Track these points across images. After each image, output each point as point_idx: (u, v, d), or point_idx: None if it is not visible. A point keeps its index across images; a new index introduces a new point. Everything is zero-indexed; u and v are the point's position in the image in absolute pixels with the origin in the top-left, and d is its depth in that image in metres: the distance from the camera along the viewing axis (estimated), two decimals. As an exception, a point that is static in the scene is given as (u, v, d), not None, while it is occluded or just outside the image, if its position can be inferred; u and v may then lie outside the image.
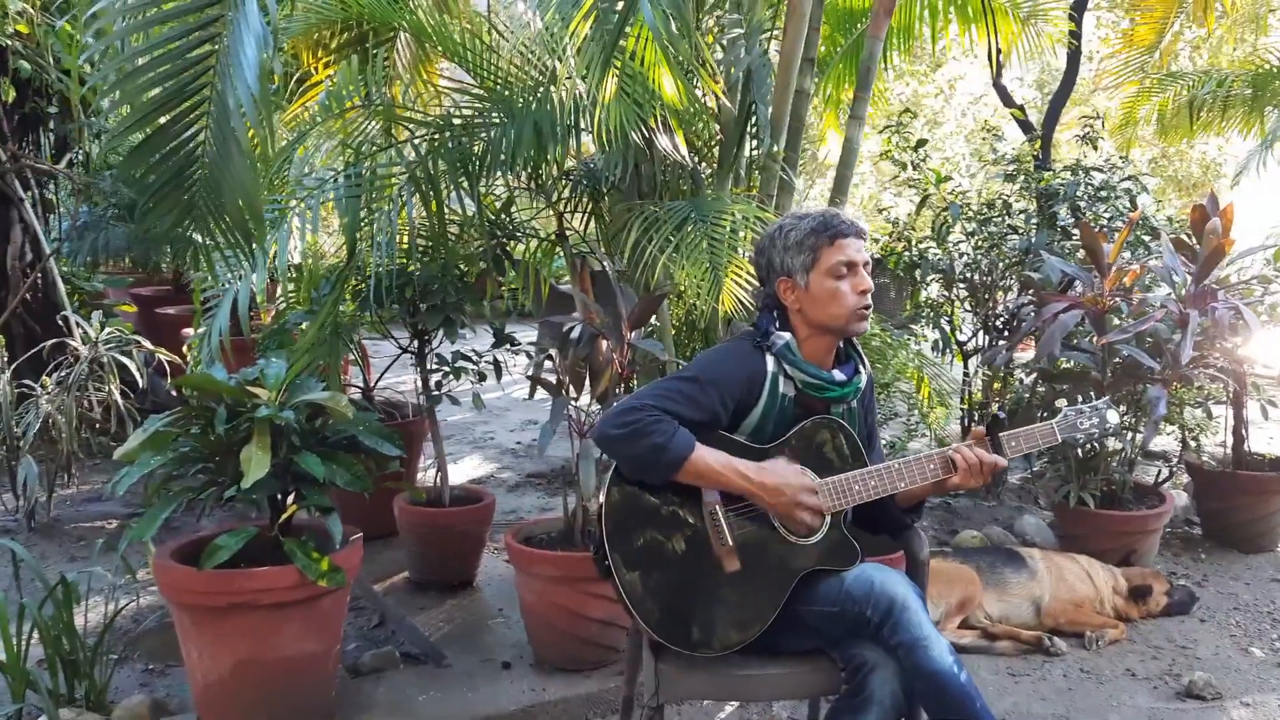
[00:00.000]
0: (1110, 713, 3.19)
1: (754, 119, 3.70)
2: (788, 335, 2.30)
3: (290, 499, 3.01)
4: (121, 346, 4.81)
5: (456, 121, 3.68)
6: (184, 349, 5.00)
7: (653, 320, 3.59)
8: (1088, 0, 7.23)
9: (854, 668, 2.17)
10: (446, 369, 4.06)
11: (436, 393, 4.06)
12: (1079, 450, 4.12)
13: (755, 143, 3.88)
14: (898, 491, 2.29)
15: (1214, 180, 12.58)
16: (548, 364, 3.48)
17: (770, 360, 2.29)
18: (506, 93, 3.62)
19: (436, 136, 3.58)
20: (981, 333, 5.37)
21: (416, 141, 3.63)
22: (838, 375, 2.33)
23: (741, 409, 2.26)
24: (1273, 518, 4.58)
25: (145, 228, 3.34)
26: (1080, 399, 3.96)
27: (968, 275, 5.16)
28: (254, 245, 2.92)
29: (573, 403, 3.27)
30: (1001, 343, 4.61)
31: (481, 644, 3.58)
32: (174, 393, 5.34)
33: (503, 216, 4.08)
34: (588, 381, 3.29)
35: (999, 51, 5.06)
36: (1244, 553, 4.54)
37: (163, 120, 2.71)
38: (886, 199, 9.09)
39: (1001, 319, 5.23)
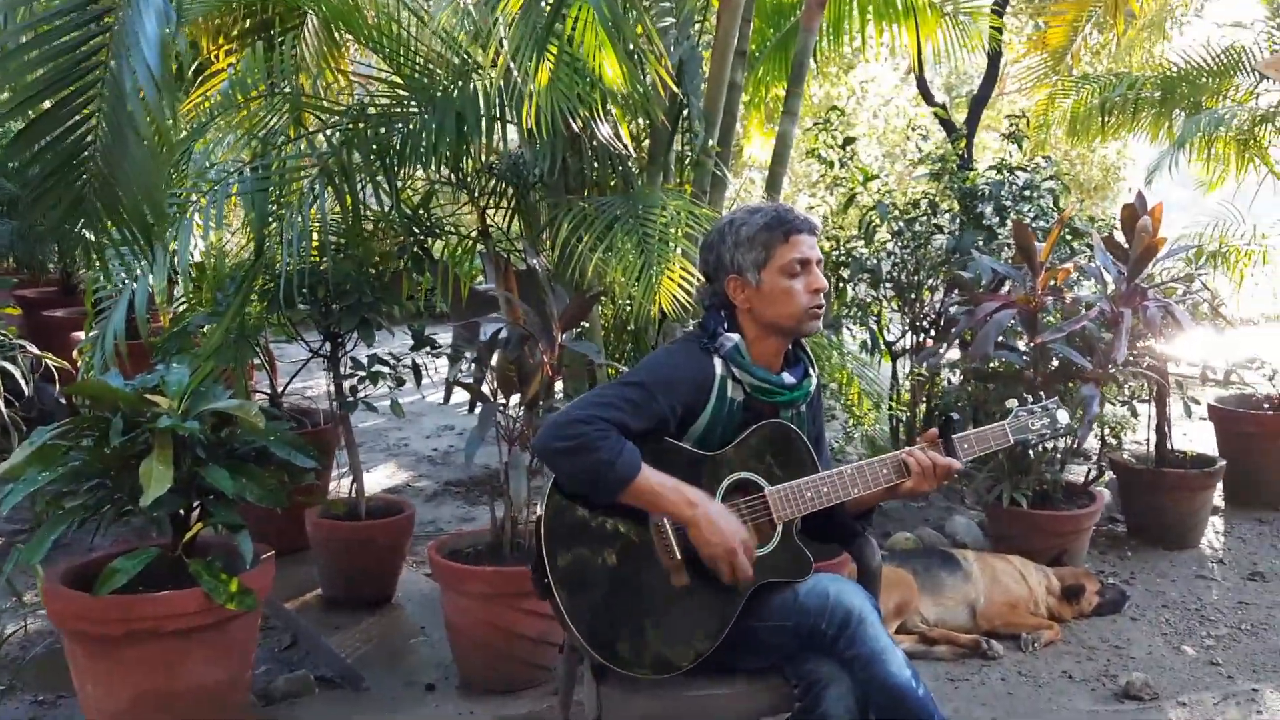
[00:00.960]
0: (1050, 716, 3.15)
1: (685, 112, 3.58)
2: (736, 337, 2.18)
3: (195, 516, 2.80)
4: (5, 352, 4.49)
5: (372, 111, 3.48)
6: (74, 354, 4.69)
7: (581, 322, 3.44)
8: (1008, 1, 7.28)
9: (807, 684, 2.09)
10: (363, 373, 3.84)
11: (351, 398, 3.85)
12: (1030, 451, 4.09)
13: (684, 137, 3.76)
14: (850, 498, 2.19)
15: (1114, 183, 12.90)
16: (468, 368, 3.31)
17: (718, 363, 2.16)
18: (426, 81, 3.43)
19: (351, 126, 3.38)
20: (910, 333, 5.33)
21: (329, 132, 3.42)
22: (787, 378, 2.22)
23: (689, 414, 2.14)
24: (1196, 514, 4.63)
25: (30, 224, 3.09)
26: (1025, 399, 3.92)
27: (895, 275, 5.12)
28: (153, 242, 2.69)
29: (501, 408, 3.10)
30: (940, 344, 4.57)
31: (403, 665, 3.40)
32: (63, 401, 5.02)
33: (421, 212, 3.89)
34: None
35: (926, 46, 5.02)
36: (1169, 549, 4.57)
37: (48, 104, 2.47)
38: (803, 200, 9.08)
39: (928, 319, 5.20)
